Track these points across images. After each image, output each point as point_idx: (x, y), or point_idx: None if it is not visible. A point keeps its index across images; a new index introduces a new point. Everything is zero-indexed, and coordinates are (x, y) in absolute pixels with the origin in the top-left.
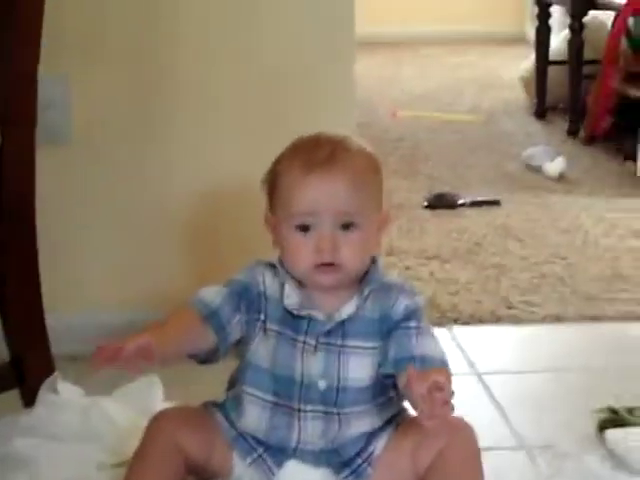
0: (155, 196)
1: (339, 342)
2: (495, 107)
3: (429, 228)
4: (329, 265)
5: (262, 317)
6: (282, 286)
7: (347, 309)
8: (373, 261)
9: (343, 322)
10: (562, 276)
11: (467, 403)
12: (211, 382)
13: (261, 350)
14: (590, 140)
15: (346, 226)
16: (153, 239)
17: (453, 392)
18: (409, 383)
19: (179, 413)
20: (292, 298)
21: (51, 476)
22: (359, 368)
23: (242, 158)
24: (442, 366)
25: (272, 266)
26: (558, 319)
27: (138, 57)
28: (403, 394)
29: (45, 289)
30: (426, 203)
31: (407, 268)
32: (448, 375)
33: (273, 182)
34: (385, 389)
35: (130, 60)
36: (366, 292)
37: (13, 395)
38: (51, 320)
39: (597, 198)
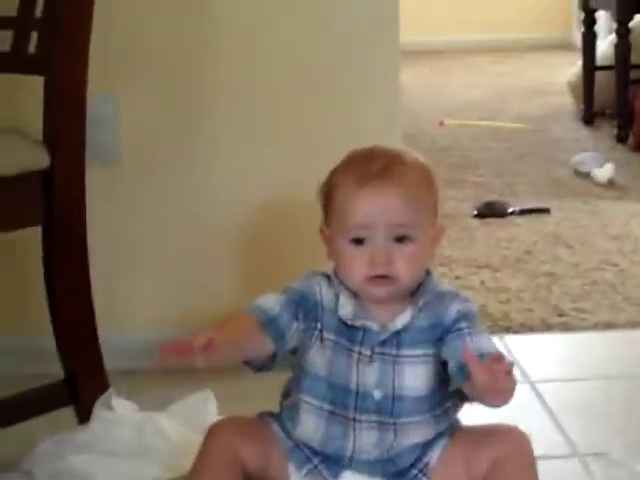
0: (204, 213)
1: (394, 352)
2: (542, 114)
3: (479, 237)
4: (383, 277)
5: (319, 326)
6: (337, 297)
7: (402, 319)
8: (427, 273)
9: (398, 332)
10: (613, 283)
11: (520, 411)
12: (264, 397)
13: (318, 359)
14: (639, 145)
15: (400, 239)
16: (203, 256)
17: (512, 363)
18: (468, 364)
19: (236, 423)
20: (346, 308)
21: None
22: (414, 377)
23: (288, 171)
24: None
25: (327, 277)
26: (609, 326)
27: (183, 75)
28: (464, 389)
29: (98, 307)
30: (475, 212)
31: (457, 277)
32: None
33: (328, 194)
34: (442, 400)
35: (175, 79)
36: (421, 303)
37: (67, 412)
38: (104, 336)
39: None
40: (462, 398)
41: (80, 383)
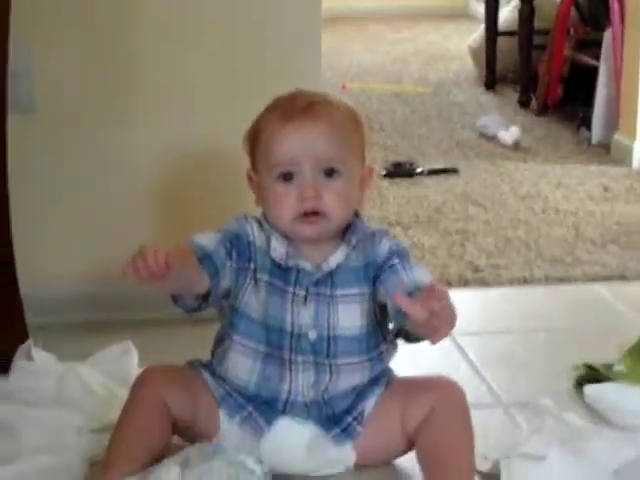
0: (121, 164)
1: (328, 292)
2: (443, 79)
3: (388, 196)
4: (313, 215)
5: (252, 266)
6: (268, 239)
7: (335, 258)
8: (356, 215)
9: (331, 272)
10: (526, 240)
11: (442, 364)
12: (186, 349)
13: (252, 301)
14: (542, 110)
15: (328, 173)
16: (120, 208)
17: (445, 291)
18: (401, 306)
19: (164, 372)
20: (278, 250)
21: (30, 442)
22: (348, 316)
23: (205, 123)
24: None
25: (258, 221)
26: (525, 281)
27: (102, 26)
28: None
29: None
30: (384, 172)
31: None
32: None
33: (253, 138)
34: (377, 342)
35: (94, 30)
36: (354, 241)
37: None
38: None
39: (554, 165)
40: (406, 337)
41: None
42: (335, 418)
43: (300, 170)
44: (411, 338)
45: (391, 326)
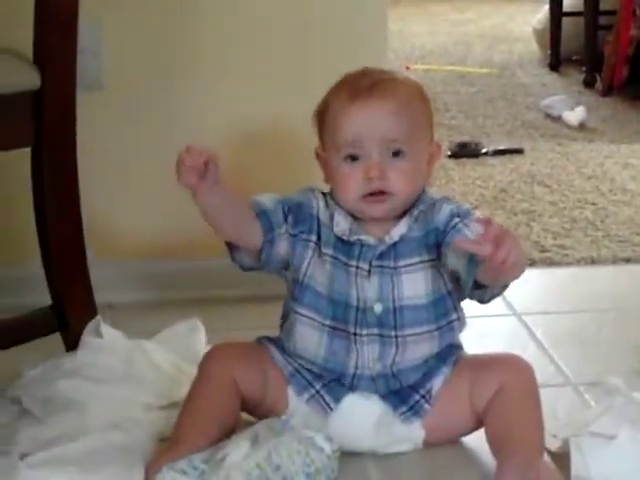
0: (188, 140)
1: (392, 264)
2: (508, 60)
3: (454, 176)
4: (379, 194)
5: (314, 239)
6: (332, 215)
7: (398, 230)
8: (423, 190)
9: (394, 244)
10: (593, 220)
11: (509, 343)
12: (253, 326)
13: (318, 274)
14: (608, 90)
15: (395, 154)
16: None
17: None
18: (465, 248)
19: (233, 349)
20: (341, 225)
21: (98, 417)
22: (412, 286)
23: (273, 99)
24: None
25: (324, 195)
26: (592, 262)
27: (168, 6)
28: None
29: None
30: (449, 152)
31: None
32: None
33: (321, 116)
34: (446, 311)
35: (160, 9)
36: (415, 213)
37: (55, 339)
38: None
39: (619, 145)
40: (481, 297)
41: (68, 310)
42: (403, 395)
43: (365, 150)
44: (486, 295)
45: (464, 290)
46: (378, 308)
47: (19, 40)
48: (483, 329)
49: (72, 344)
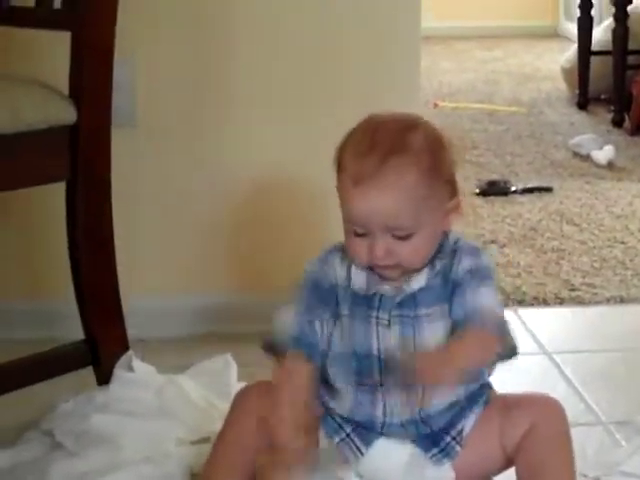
0: (217, 180)
1: (412, 313)
2: (536, 98)
3: (483, 214)
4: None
5: (334, 308)
6: (349, 270)
7: (418, 281)
8: (445, 235)
9: (413, 294)
10: (622, 259)
11: (539, 381)
12: None
13: (336, 337)
14: (636, 129)
15: (401, 237)
16: (215, 224)
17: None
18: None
19: (264, 389)
20: (359, 280)
21: (131, 452)
22: (433, 334)
23: (305, 142)
24: (493, 326)
25: (341, 249)
26: (622, 300)
27: (201, 43)
28: None
29: None
30: (478, 190)
31: None
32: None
33: (338, 158)
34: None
35: (193, 46)
36: (438, 266)
37: (87, 373)
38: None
39: None
40: None
41: (101, 344)
42: (433, 437)
43: (370, 231)
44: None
45: None
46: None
47: (55, 75)
48: (513, 368)
49: (104, 378)
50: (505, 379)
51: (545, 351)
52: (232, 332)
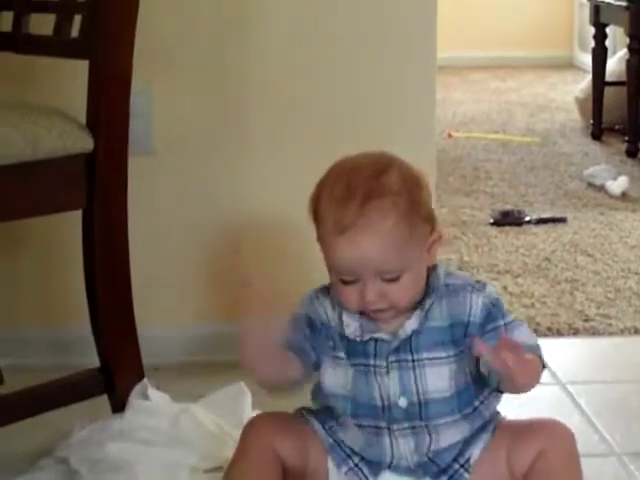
0: (235, 210)
1: (410, 357)
2: (549, 129)
3: (497, 244)
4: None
5: (331, 344)
6: (340, 315)
7: (410, 325)
8: (432, 269)
9: (409, 338)
10: (637, 290)
11: (553, 412)
12: (296, 392)
13: (334, 378)
14: None
15: (389, 279)
16: (233, 252)
17: (519, 346)
18: (482, 354)
19: (275, 418)
20: (352, 326)
21: (145, 479)
22: (438, 379)
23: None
24: (533, 350)
25: (328, 294)
26: (636, 331)
27: (214, 70)
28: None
29: None
30: (492, 220)
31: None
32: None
33: (314, 208)
34: (470, 399)
35: (210, 74)
36: (427, 305)
37: (101, 401)
38: None
39: None
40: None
41: (116, 372)
42: (442, 466)
43: (358, 277)
44: (507, 389)
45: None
46: (403, 402)
47: (73, 103)
48: (526, 398)
49: (119, 406)
50: (519, 409)
51: (559, 382)
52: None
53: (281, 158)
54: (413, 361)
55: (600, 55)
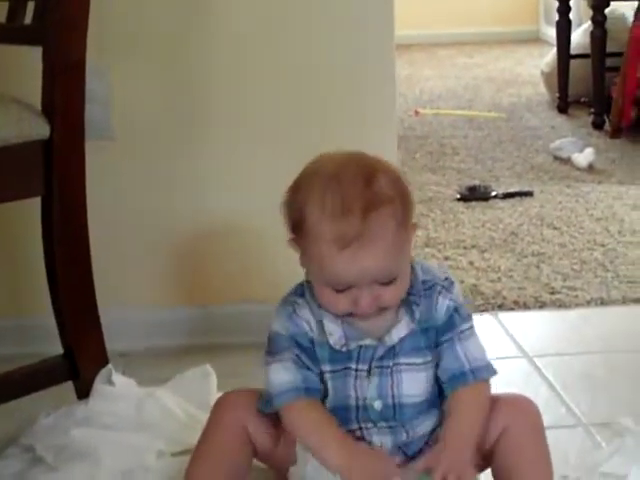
0: (196, 194)
1: (391, 363)
2: (516, 103)
3: (464, 219)
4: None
5: (319, 357)
6: (321, 323)
7: (399, 332)
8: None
9: (394, 345)
10: (602, 262)
11: (520, 385)
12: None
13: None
14: (616, 132)
15: (386, 283)
16: (195, 237)
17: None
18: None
19: (245, 397)
20: (335, 334)
21: (111, 465)
22: (414, 384)
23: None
24: (487, 374)
25: (307, 303)
26: (602, 303)
27: (176, 56)
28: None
29: None
30: (458, 196)
31: (446, 258)
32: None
33: (298, 219)
34: (442, 398)
35: (169, 59)
36: (417, 315)
37: (66, 388)
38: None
39: (628, 187)
40: None
41: (80, 358)
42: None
43: (354, 285)
44: None
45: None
46: (378, 405)
47: (28, 90)
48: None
49: (84, 392)
50: None
51: (526, 355)
52: (211, 343)
53: (243, 141)
54: (393, 366)
55: (564, 28)
